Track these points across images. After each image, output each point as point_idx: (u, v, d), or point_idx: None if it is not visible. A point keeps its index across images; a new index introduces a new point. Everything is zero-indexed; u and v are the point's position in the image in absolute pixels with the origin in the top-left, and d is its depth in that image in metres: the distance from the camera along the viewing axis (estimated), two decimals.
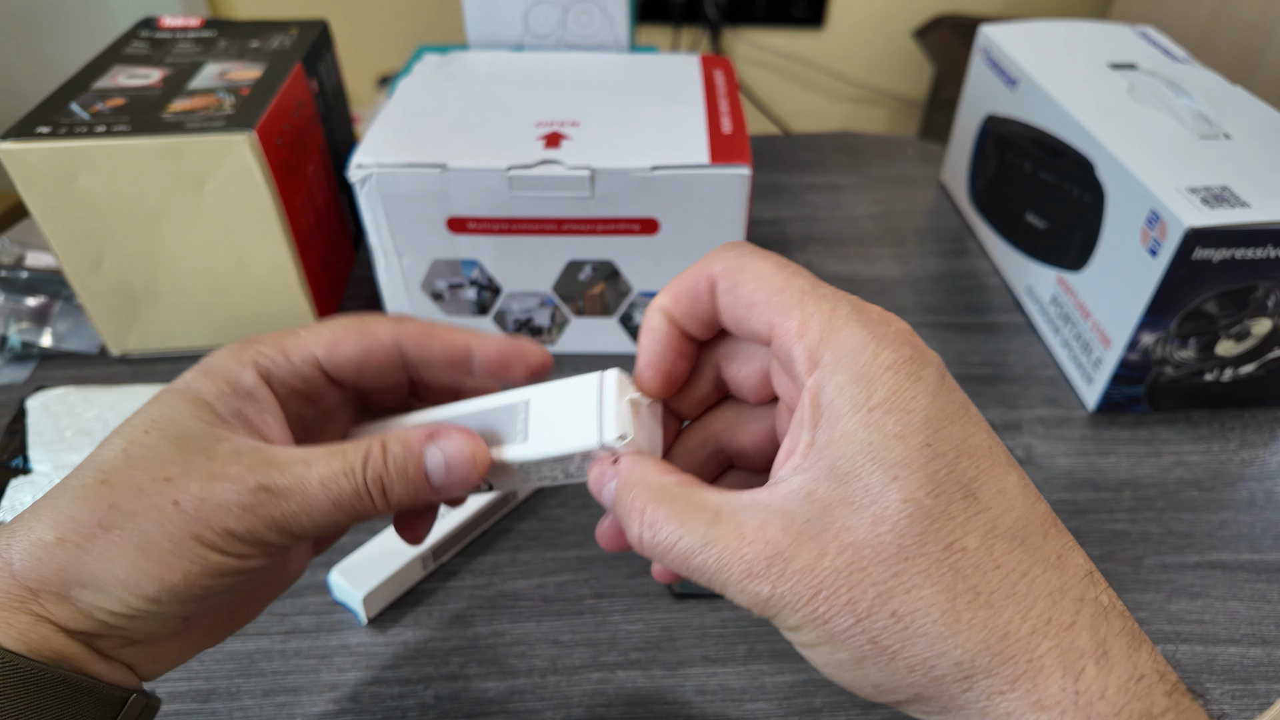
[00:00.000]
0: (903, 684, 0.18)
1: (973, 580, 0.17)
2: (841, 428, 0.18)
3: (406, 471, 0.22)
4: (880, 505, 0.18)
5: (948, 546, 0.17)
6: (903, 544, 0.17)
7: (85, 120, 0.42)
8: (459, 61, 0.52)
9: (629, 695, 0.34)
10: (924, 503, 0.17)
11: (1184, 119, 0.46)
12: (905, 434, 0.18)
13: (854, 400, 0.18)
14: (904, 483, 0.18)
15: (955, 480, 0.18)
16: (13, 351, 0.48)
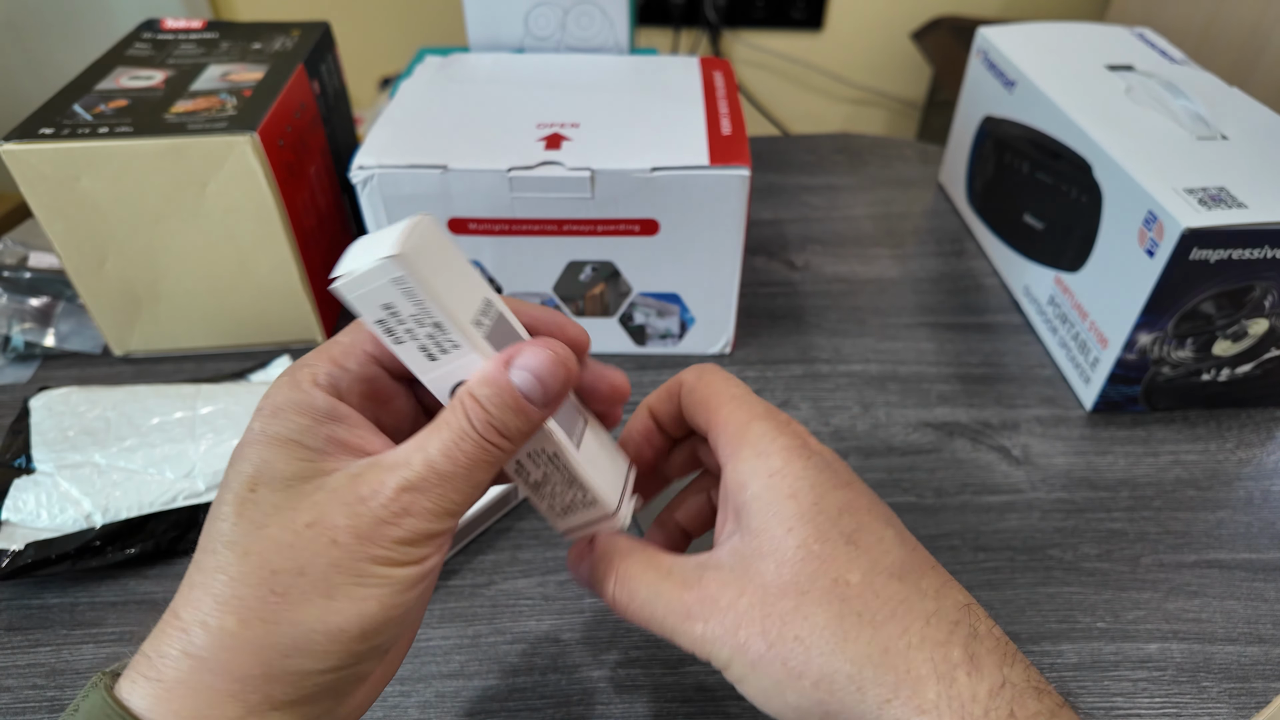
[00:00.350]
0: (813, 701, 0.21)
1: (856, 606, 0.21)
2: (750, 492, 0.23)
3: (508, 404, 0.21)
4: (780, 552, 0.22)
5: (834, 581, 0.21)
6: (798, 581, 0.21)
7: (88, 121, 0.42)
8: (460, 63, 0.52)
9: (629, 693, 0.34)
10: (813, 547, 0.22)
11: (1181, 120, 0.46)
12: (796, 494, 0.22)
13: (756, 470, 0.23)
14: (796, 533, 0.22)
15: (839, 531, 0.22)
16: (16, 352, 0.49)
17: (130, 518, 0.37)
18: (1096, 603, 0.37)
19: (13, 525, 0.37)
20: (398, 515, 0.20)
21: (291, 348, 0.50)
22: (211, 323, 0.48)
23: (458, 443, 0.21)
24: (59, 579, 0.38)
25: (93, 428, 0.40)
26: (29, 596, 0.37)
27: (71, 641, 0.35)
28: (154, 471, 0.39)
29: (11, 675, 0.34)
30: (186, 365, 0.49)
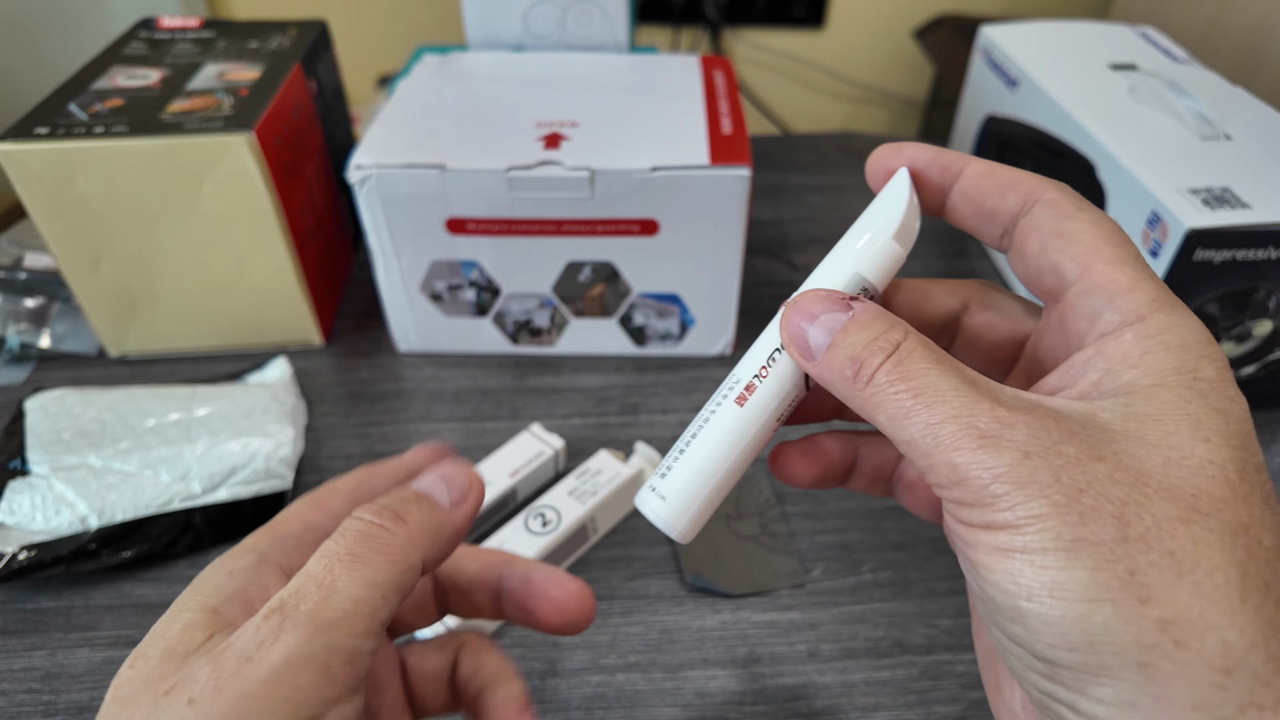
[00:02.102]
0: (1130, 642, 0.14)
1: (1265, 574, 0.15)
2: (1157, 379, 0.16)
3: (406, 499, 0.20)
4: (1180, 452, 0.15)
5: (1244, 526, 0.15)
6: (1197, 497, 0.15)
7: (84, 121, 0.41)
8: (458, 62, 0.52)
9: (629, 698, 0.34)
10: (1230, 476, 0.15)
11: (1185, 120, 0.46)
12: (1225, 414, 0.16)
13: (1180, 365, 0.16)
14: (1214, 448, 0.16)
15: (1260, 483, 0.16)
16: (11, 353, 0.48)
17: (126, 520, 0.37)
18: None
19: (7, 528, 0.36)
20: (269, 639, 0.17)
21: (288, 348, 0.50)
22: (207, 324, 0.48)
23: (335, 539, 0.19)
24: (54, 582, 0.38)
25: (88, 430, 0.40)
26: (24, 600, 0.37)
27: (67, 645, 0.35)
28: (150, 474, 0.38)
29: (6, 679, 0.34)
30: (182, 367, 0.49)
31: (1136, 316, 0.17)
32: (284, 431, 0.41)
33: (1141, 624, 0.14)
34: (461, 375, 0.49)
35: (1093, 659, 0.15)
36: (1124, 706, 0.15)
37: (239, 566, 0.19)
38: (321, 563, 0.18)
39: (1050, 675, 0.15)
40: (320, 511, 0.21)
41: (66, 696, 0.33)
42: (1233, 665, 0.14)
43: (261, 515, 0.40)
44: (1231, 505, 0.15)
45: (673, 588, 0.38)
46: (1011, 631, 0.16)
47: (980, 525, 0.16)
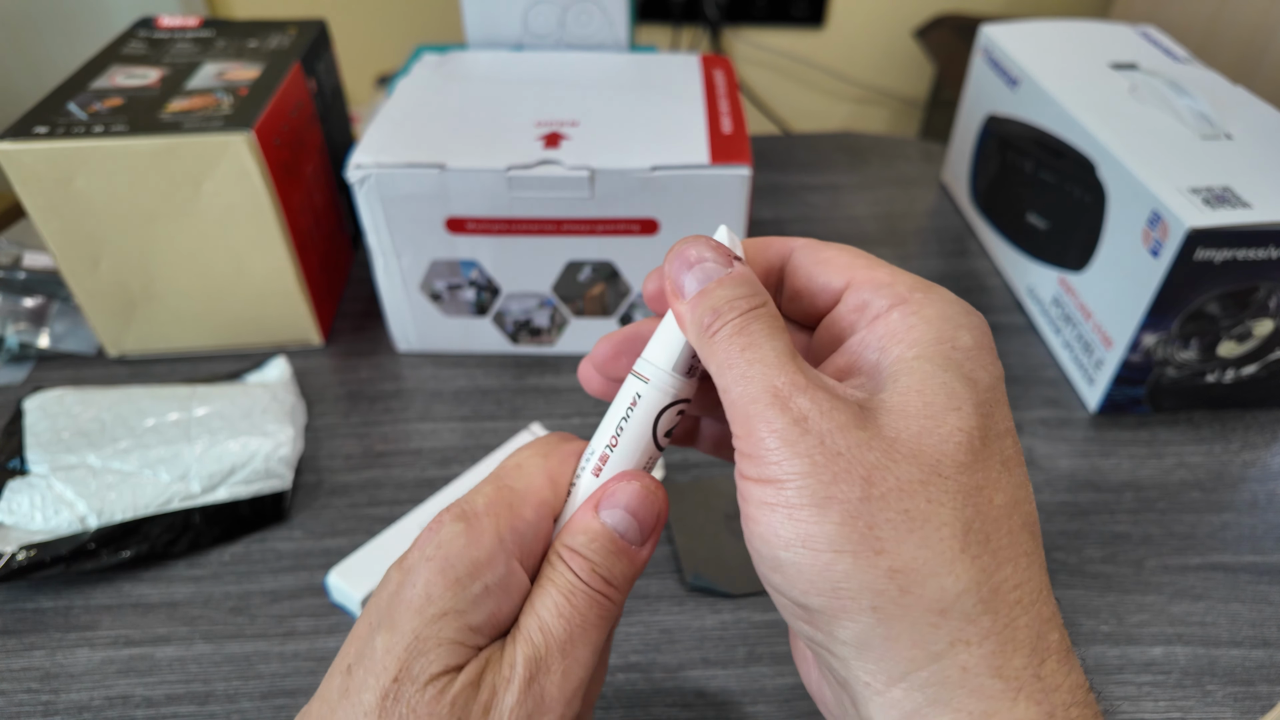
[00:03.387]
0: (864, 588, 0.17)
1: (987, 530, 0.17)
2: (920, 350, 0.18)
3: (608, 549, 0.21)
4: (934, 421, 0.17)
5: (979, 488, 0.17)
6: (940, 461, 0.17)
7: (83, 120, 0.41)
8: (458, 61, 0.52)
9: (629, 698, 0.33)
10: (974, 442, 0.17)
11: (1185, 119, 0.46)
12: (976, 382, 0.18)
13: (940, 335, 0.19)
14: (964, 416, 0.18)
15: (999, 448, 0.18)
16: (10, 352, 0.48)
17: (125, 520, 0.37)
18: (1100, 606, 0.37)
19: (6, 528, 0.36)
20: (534, 715, 0.19)
21: (287, 348, 0.50)
22: (207, 323, 0.48)
23: (570, 597, 0.20)
24: (53, 582, 0.37)
25: (87, 429, 0.40)
26: (23, 600, 0.37)
27: (66, 645, 0.35)
28: (149, 473, 0.38)
29: (6, 679, 0.34)
30: (181, 366, 0.49)
31: (900, 299, 0.19)
32: (283, 431, 0.41)
33: (874, 572, 0.17)
34: (461, 375, 0.48)
35: (835, 603, 0.17)
36: (861, 646, 0.17)
37: (494, 580, 0.19)
38: (563, 626, 0.20)
39: (807, 620, 0.18)
40: (554, 489, 0.22)
41: (66, 696, 0.33)
42: (947, 607, 0.16)
43: (261, 515, 0.39)
44: (970, 468, 0.17)
45: (673, 587, 0.38)
46: (774, 581, 0.18)
47: (755, 479, 0.18)
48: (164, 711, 0.33)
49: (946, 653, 0.16)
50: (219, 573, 0.38)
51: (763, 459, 0.17)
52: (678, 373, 0.21)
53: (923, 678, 0.16)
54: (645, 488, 0.21)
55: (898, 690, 0.17)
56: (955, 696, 0.16)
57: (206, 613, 0.36)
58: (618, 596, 0.21)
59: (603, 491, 0.21)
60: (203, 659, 0.35)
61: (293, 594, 0.37)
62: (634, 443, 0.22)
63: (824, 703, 0.21)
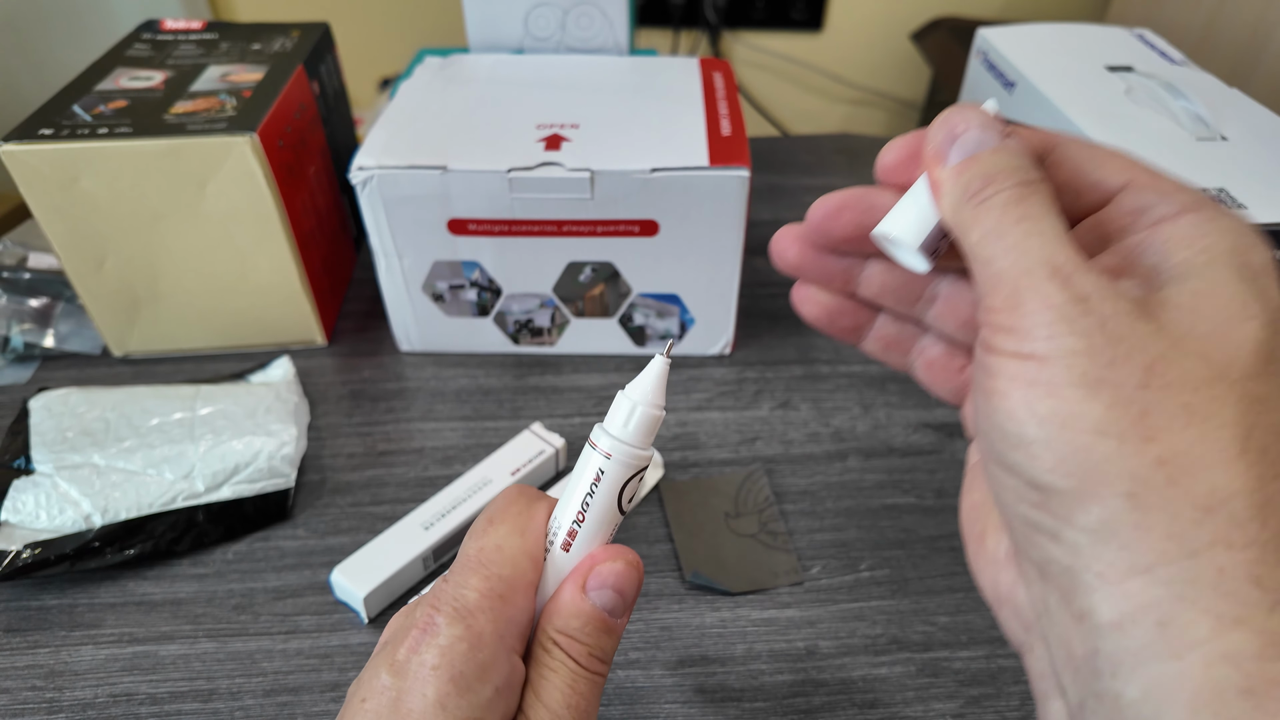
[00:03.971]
0: (1125, 473, 0.15)
1: (1268, 440, 0.16)
2: (1213, 257, 0.17)
3: (599, 629, 0.21)
4: (1228, 325, 0.16)
5: (1265, 399, 0.16)
6: (1230, 364, 0.16)
7: (87, 122, 0.42)
8: (460, 64, 0.52)
9: (629, 694, 0.34)
10: (1264, 354, 0.16)
11: (1181, 121, 0.46)
12: (1268, 301, 0.17)
13: (1235, 247, 0.17)
14: (1258, 327, 0.16)
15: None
16: (15, 352, 0.49)
17: (129, 519, 0.37)
18: None
19: (11, 526, 0.37)
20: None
21: (291, 348, 0.50)
22: (210, 323, 0.48)
23: (574, 684, 0.20)
24: (58, 580, 0.38)
25: (92, 429, 0.40)
26: (28, 598, 0.37)
27: (70, 643, 0.35)
28: (153, 472, 0.38)
29: (10, 677, 0.34)
30: (185, 366, 0.49)
31: (1191, 206, 0.18)
32: (287, 430, 0.41)
33: (1140, 458, 0.15)
34: (463, 375, 0.49)
35: (1086, 485, 0.16)
36: (1104, 532, 0.16)
37: (502, 681, 0.20)
38: (571, 716, 0.20)
39: (1040, 503, 0.17)
40: (536, 568, 0.22)
41: (70, 694, 0.34)
42: (1214, 506, 0.15)
43: (264, 514, 0.40)
44: (1260, 378, 0.16)
45: (672, 585, 0.38)
46: (1011, 459, 0.17)
47: (1012, 353, 0.17)
48: (168, 709, 0.33)
49: (1204, 551, 0.15)
50: (223, 571, 0.38)
51: (1029, 333, 0.16)
52: (923, 251, 0.20)
53: (1170, 572, 0.15)
54: (629, 564, 0.22)
55: (1136, 582, 0.15)
56: (1204, 596, 0.15)
57: (210, 610, 0.37)
58: (606, 670, 0.21)
59: (588, 571, 0.21)
60: (206, 656, 0.35)
61: (296, 592, 0.37)
62: (600, 517, 0.22)
63: (1010, 602, 0.19)
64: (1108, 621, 0.16)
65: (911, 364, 0.24)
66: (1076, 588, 0.16)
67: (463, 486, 0.39)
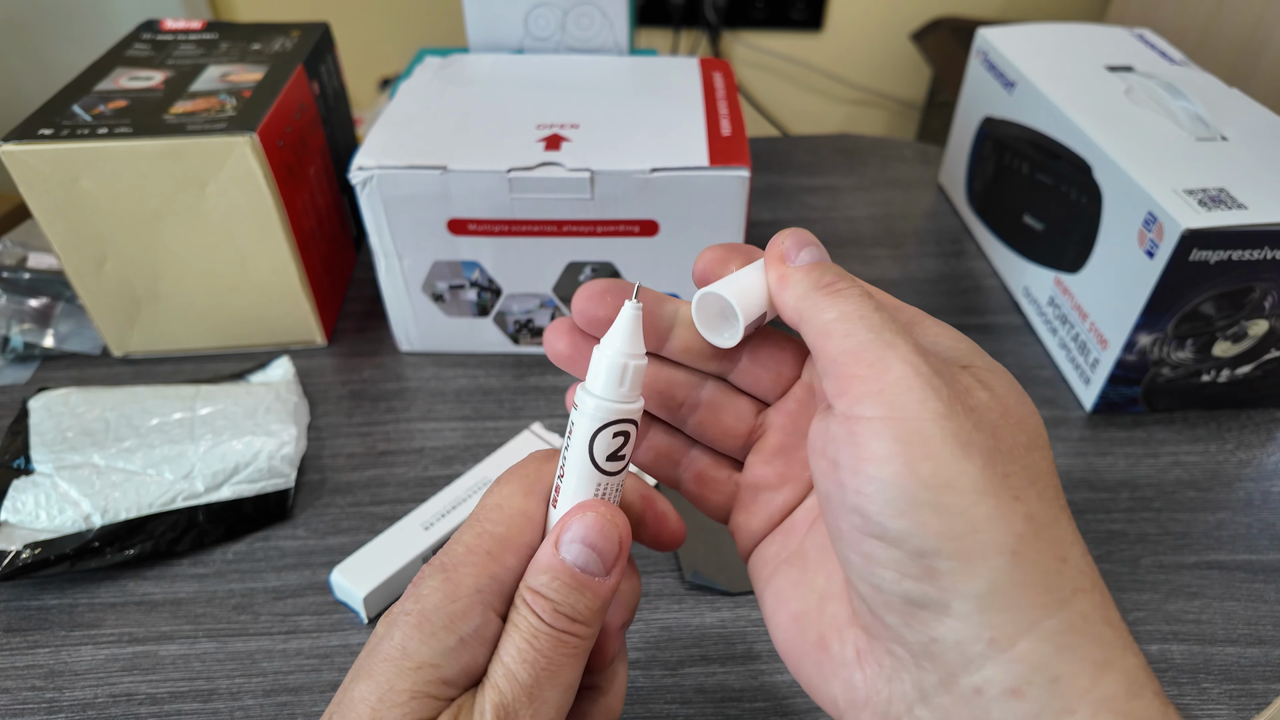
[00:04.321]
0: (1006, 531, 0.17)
1: (1063, 501, 0.19)
2: (971, 348, 0.20)
3: (571, 588, 0.20)
4: (1022, 400, 0.19)
5: (1053, 466, 0.19)
6: (1035, 435, 0.19)
7: (87, 122, 0.42)
8: (460, 64, 0.52)
9: (629, 695, 0.34)
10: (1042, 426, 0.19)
11: (1181, 121, 0.46)
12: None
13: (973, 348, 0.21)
14: (1032, 404, 0.20)
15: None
16: (15, 352, 0.49)
17: (129, 519, 0.37)
18: None
19: (11, 526, 0.37)
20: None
21: (291, 348, 0.50)
22: (211, 324, 0.48)
23: (533, 640, 0.20)
24: (58, 580, 0.38)
25: (92, 429, 0.40)
26: (28, 598, 0.37)
27: (70, 643, 0.35)
28: (153, 472, 0.38)
29: (10, 677, 0.34)
30: (186, 366, 0.49)
31: (925, 316, 0.21)
32: (287, 430, 0.41)
33: (1014, 516, 0.17)
34: (463, 375, 0.49)
35: (972, 547, 0.17)
36: (992, 595, 0.17)
37: (468, 632, 0.20)
38: (527, 671, 0.20)
39: (925, 576, 0.17)
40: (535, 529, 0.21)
41: (70, 694, 0.34)
42: (1065, 555, 0.17)
43: (264, 513, 0.40)
44: (1048, 447, 0.19)
45: (672, 585, 0.38)
46: (895, 529, 0.17)
47: (883, 417, 0.18)
48: (168, 709, 0.33)
49: (1071, 599, 0.17)
50: (223, 571, 0.38)
51: (899, 396, 0.17)
52: (743, 324, 0.22)
53: (1051, 626, 0.16)
54: (601, 517, 0.21)
55: (1025, 643, 0.16)
56: (1079, 644, 0.16)
57: (210, 610, 0.37)
58: (586, 631, 0.20)
59: (561, 526, 0.21)
60: (206, 656, 0.35)
61: (296, 592, 0.37)
62: (576, 471, 0.21)
63: (871, 704, 0.19)
64: (1005, 690, 0.16)
65: (680, 477, 0.25)
66: (966, 663, 0.17)
67: (463, 486, 0.39)
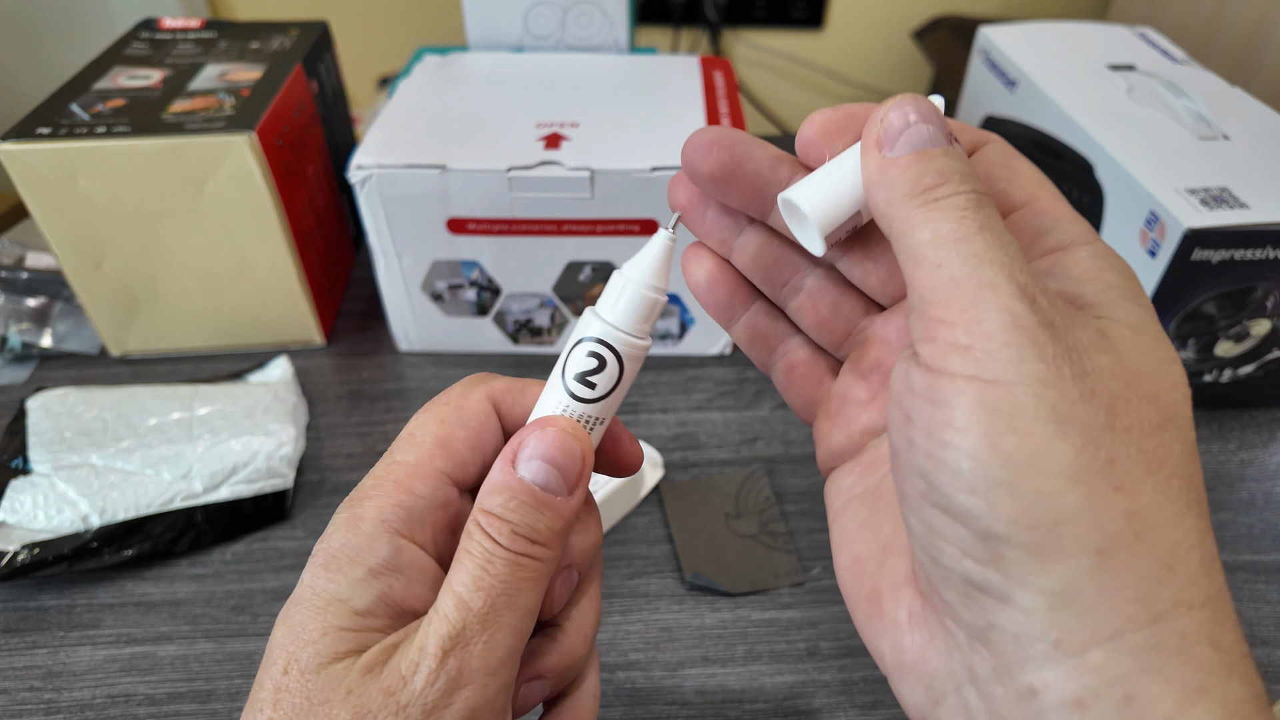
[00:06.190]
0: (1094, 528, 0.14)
1: (1200, 490, 0.15)
2: (1122, 293, 0.17)
3: (526, 504, 0.19)
4: (1164, 367, 0.16)
5: (1193, 450, 0.16)
6: (1172, 409, 0.15)
7: (85, 121, 0.42)
8: (459, 63, 0.52)
9: (629, 696, 0.34)
10: (1188, 398, 0.16)
11: (1183, 120, 0.46)
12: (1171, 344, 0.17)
13: (1130, 288, 0.17)
14: (1178, 371, 0.16)
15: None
16: (13, 352, 0.48)
17: (127, 519, 0.37)
18: None
19: (9, 527, 0.36)
20: (448, 691, 0.17)
21: (289, 348, 0.50)
22: (209, 323, 0.48)
23: (487, 565, 0.18)
24: (56, 580, 0.38)
25: (90, 429, 0.40)
26: (26, 598, 0.37)
27: (69, 644, 0.35)
28: (151, 473, 0.38)
29: (8, 677, 0.34)
30: (184, 366, 0.49)
31: (1084, 239, 0.17)
32: (285, 430, 0.41)
33: (1110, 511, 0.14)
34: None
35: (1050, 540, 0.14)
36: (1066, 595, 0.14)
37: (377, 562, 0.18)
38: (483, 599, 0.18)
39: (991, 560, 0.15)
40: (448, 458, 0.20)
41: (68, 695, 0.34)
42: (1175, 563, 0.14)
43: (263, 514, 0.40)
44: (1190, 425, 0.16)
45: (672, 586, 0.38)
46: (963, 505, 0.15)
47: (970, 376, 0.15)
48: (166, 710, 0.33)
49: (1169, 614, 0.14)
50: (221, 571, 0.38)
51: (991, 354, 0.15)
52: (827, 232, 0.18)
53: (1137, 640, 0.14)
54: (562, 430, 0.19)
55: (1099, 652, 0.14)
56: (1170, 665, 0.14)
57: (209, 611, 0.37)
58: (547, 554, 0.19)
59: (517, 443, 0.19)
60: (205, 657, 0.35)
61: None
62: (549, 388, 0.20)
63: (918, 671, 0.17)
64: (1065, 699, 0.14)
65: (774, 365, 0.23)
66: (1025, 659, 0.15)
67: None
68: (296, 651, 0.18)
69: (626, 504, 0.41)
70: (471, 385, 0.21)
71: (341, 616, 0.18)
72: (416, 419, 0.20)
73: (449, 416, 0.20)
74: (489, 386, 0.21)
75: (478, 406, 0.21)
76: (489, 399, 0.21)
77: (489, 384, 0.21)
